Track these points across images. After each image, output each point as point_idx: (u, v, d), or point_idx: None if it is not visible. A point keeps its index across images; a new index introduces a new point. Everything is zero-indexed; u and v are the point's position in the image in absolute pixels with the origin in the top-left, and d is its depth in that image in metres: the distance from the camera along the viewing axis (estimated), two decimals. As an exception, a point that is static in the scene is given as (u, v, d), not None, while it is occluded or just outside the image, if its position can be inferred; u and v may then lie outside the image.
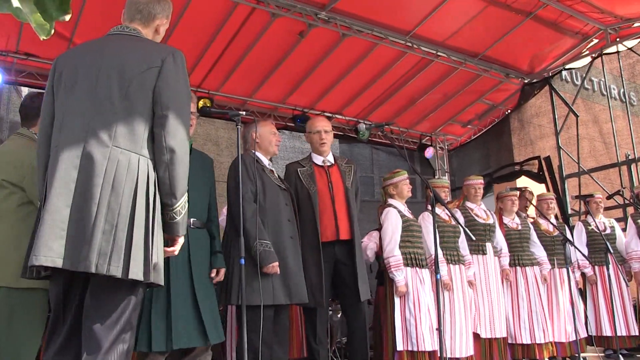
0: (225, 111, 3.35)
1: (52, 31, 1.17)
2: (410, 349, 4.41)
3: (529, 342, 5.35)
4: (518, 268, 5.58)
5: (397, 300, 4.52)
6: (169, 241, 2.18)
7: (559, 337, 5.61)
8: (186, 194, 2.13)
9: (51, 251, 1.87)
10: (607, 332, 5.88)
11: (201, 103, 6.76)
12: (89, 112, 2.04)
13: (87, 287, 2.01)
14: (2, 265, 2.69)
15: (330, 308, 5.47)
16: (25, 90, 6.98)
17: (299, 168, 4.14)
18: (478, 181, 5.61)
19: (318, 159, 4.23)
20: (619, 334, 5.81)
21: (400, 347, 4.42)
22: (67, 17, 1.18)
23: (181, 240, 2.20)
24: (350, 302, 4.07)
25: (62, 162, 1.98)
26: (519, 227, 5.73)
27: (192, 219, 3.22)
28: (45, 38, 1.16)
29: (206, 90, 7.10)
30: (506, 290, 5.48)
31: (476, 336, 5.06)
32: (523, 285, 5.51)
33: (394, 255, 4.54)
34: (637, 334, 5.93)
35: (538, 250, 5.78)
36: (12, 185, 2.82)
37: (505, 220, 5.74)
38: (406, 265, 4.57)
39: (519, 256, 5.61)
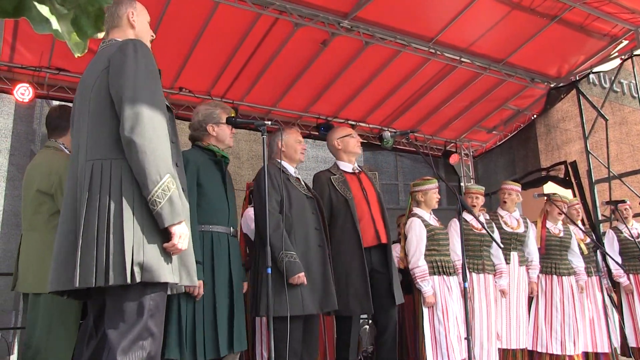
0: (251, 121, 3.36)
1: (87, 49, 1.20)
2: (440, 359, 4.35)
3: (559, 352, 5.23)
4: (554, 277, 5.42)
5: (425, 311, 4.48)
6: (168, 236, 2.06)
7: (593, 347, 5.48)
8: (164, 181, 2.00)
9: (53, 277, 2.00)
10: (643, 343, 5.72)
11: (226, 113, 6.81)
12: (76, 137, 2.15)
13: None
14: (42, 273, 2.77)
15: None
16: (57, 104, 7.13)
17: (330, 176, 4.13)
18: (511, 187, 5.52)
19: (347, 167, 4.22)
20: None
21: (430, 358, 4.37)
22: (101, 35, 1.22)
23: (177, 230, 2.03)
24: (384, 309, 4.03)
25: (66, 189, 2.15)
26: (561, 234, 5.58)
27: (231, 228, 3.29)
28: (80, 55, 1.19)
29: (230, 100, 7.15)
30: (540, 298, 5.37)
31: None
32: (558, 295, 5.35)
33: (419, 266, 4.51)
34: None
35: (576, 259, 5.60)
36: (43, 194, 2.95)
37: (549, 225, 5.61)
38: (433, 273, 4.53)
39: (557, 265, 5.45)
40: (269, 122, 3.19)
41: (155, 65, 2.17)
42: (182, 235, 2.04)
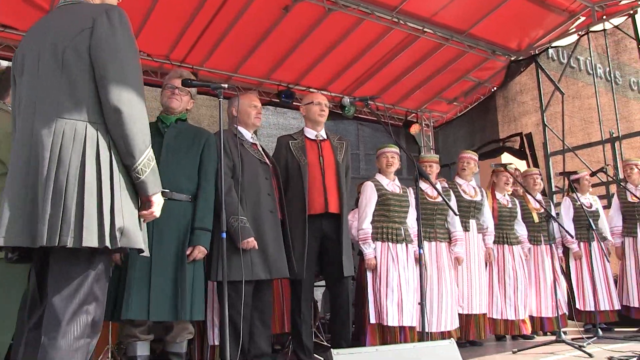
0: (207, 84, 3.29)
1: None
2: (380, 322, 4.48)
3: (513, 318, 5.42)
4: (506, 246, 5.61)
5: (369, 275, 4.58)
6: (146, 204, 2.10)
7: (545, 312, 5.72)
8: (149, 151, 2.04)
9: (7, 231, 1.88)
10: (591, 306, 5.95)
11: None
12: (35, 90, 2.04)
13: None
14: None
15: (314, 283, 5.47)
16: (5, 64, 6.85)
17: (290, 140, 4.12)
18: (468, 155, 5.60)
19: (311, 133, 4.20)
20: (602, 308, 5.91)
21: (372, 320, 4.49)
22: None
23: (157, 199, 2.09)
24: (335, 277, 4.06)
25: (16, 142, 2.02)
26: (509, 205, 5.75)
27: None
28: None
29: (190, 65, 7.02)
30: (494, 267, 5.53)
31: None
32: (510, 263, 5.54)
33: (363, 228, 4.62)
34: (620, 308, 6.03)
35: (521, 228, 5.82)
36: None
37: (498, 196, 5.76)
38: (377, 239, 4.60)
39: (507, 234, 5.64)
40: (226, 86, 3.10)
41: (134, 39, 2.17)
42: (159, 204, 2.11)
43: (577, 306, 6.01)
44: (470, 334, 5.21)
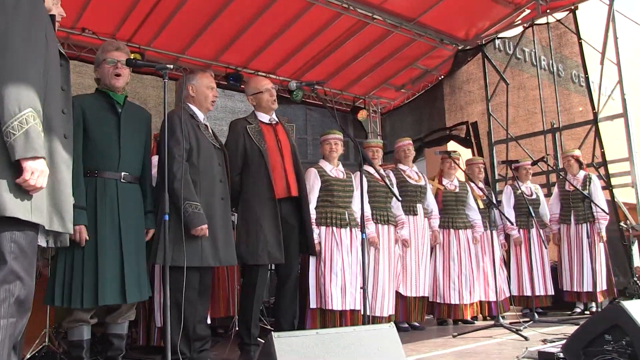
0: (152, 64, 3.22)
1: None
2: (321, 307, 4.54)
3: (457, 302, 5.57)
4: (451, 230, 5.76)
5: (311, 260, 4.61)
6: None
7: (486, 297, 5.88)
8: (23, 114, 1.92)
9: None
10: (527, 292, 6.17)
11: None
12: None
13: None
14: None
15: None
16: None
17: (247, 125, 4.02)
18: (407, 142, 5.69)
19: (264, 117, 4.13)
20: (537, 293, 6.13)
21: (313, 305, 4.55)
22: None
23: (30, 166, 1.92)
24: (287, 259, 4.05)
25: None
26: (456, 190, 5.87)
27: (122, 173, 3.20)
28: None
29: (137, 45, 6.85)
30: (438, 252, 5.65)
31: (397, 294, 5.22)
32: (455, 247, 5.70)
33: None
34: (553, 293, 6.26)
35: (473, 213, 5.96)
36: None
37: (444, 181, 5.89)
38: (321, 224, 4.64)
39: (453, 219, 5.78)
40: (171, 66, 3.05)
41: (40, 8, 2.09)
42: (35, 172, 1.93)
43: (514, 292, 6.21)
44: (410, 317, 5.32)
